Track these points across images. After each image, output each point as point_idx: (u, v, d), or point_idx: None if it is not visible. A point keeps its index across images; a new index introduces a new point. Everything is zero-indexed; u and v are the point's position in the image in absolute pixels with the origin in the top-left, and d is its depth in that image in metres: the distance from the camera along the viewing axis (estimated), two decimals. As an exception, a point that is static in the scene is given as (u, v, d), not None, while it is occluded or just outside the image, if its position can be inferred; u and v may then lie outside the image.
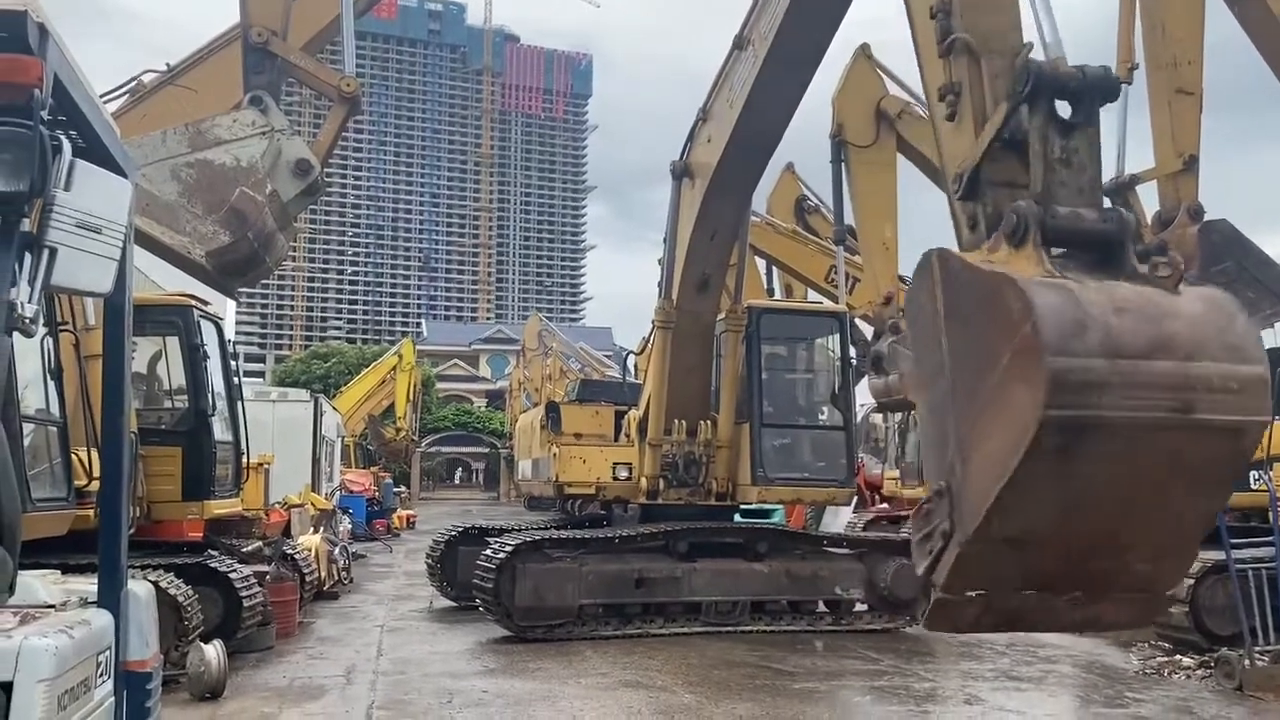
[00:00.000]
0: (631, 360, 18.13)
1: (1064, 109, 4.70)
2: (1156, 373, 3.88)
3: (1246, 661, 9.88)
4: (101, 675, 3.02)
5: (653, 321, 13.65)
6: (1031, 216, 4.35)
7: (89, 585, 3.36)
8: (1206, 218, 10.20)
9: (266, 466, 15.11)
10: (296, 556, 13.77)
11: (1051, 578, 4.24)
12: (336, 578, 16.78)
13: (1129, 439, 3.91)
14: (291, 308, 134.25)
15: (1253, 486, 16.52)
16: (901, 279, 15.06)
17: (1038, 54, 5.00)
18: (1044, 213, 4.36)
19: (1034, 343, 3.79)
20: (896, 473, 23.18)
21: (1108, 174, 11.18)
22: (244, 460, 12.24)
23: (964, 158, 5.28)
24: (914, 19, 6.03)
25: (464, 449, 71.37)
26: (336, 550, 17.27)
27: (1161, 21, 10.54)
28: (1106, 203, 4.79)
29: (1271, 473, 11.78)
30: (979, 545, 4.06)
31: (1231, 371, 3.98)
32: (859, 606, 13.78)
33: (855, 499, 18.29)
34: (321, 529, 17.83)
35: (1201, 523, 4.40)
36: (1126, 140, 11.35)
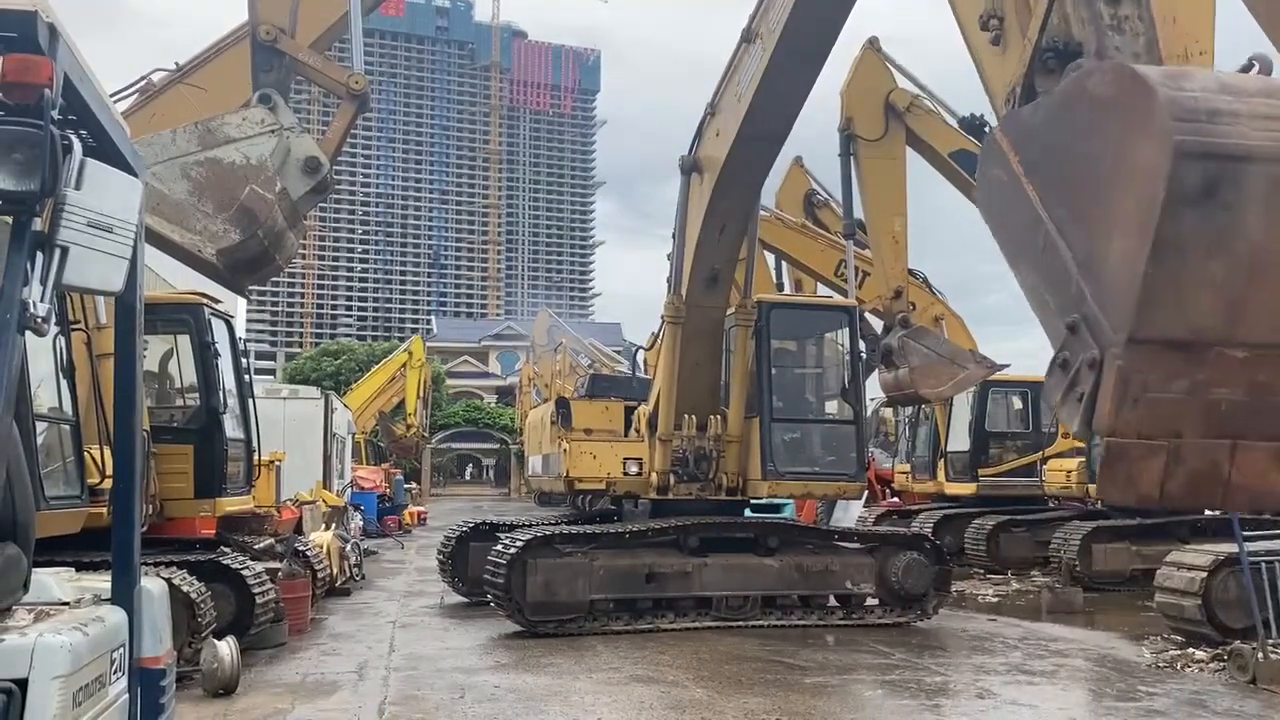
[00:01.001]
0: (641, 355, 18.14)
1: None
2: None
3: (1260, 654, 9.84)
4: (115, 672, 3.04)
5: (662, 317, 13.65)
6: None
7: (102, 582, 3.37)
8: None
9: (278, 464, 15.16)
10: (308, 553, 13.81)
11: (1244, 411, 3.42)
12: (348, 574, 16.82)
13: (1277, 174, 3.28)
14: (302, 305, 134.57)
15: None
16: (911, 273, 15.07)
17: None
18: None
19: (1142, 89, 3.33)
20: (907, 467, 23.19)
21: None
22: (255, 457, 12.28)
23: (1013, 79, 5.11)
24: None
25: (474, 445, 71.48)
26: (348, 547, 17.32)
27: (1172, 12, 10.48)
28: None
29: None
30: (1140, 352, 3.32)
31: None
32: (870, 601, 13.76)
33: (866, 493, 18.30)
34: (333, 526, 17.87)
35: None
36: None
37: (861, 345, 14.40)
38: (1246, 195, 3.22)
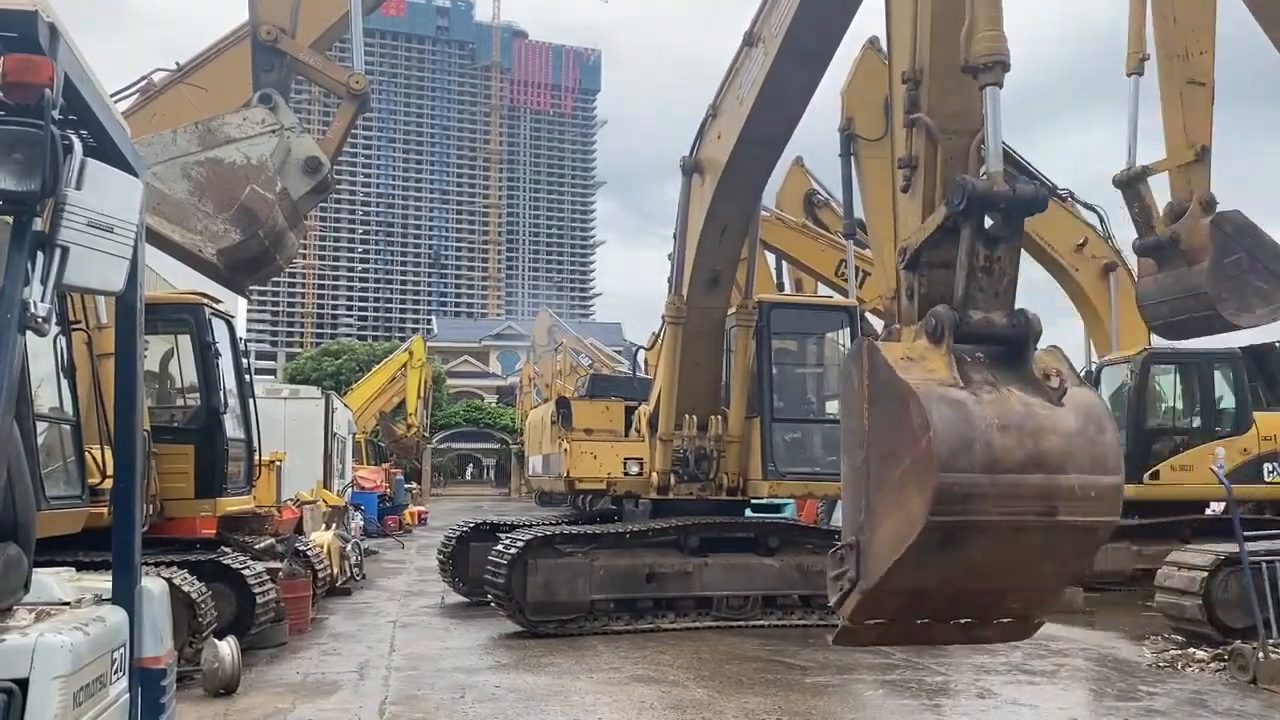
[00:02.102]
0: (641, 355, 18.13)
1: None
2: (1028, 484, 4.81)
3: (1260, 654, 9.84)
4: (116, 672, 3.04)
5: (663, 317, 13.65)
6: (947, 323, 5.19)
7: (103, 582, 3.37)
8: (1219, 209, 10.13)
9: (278, 464, 15.16)
10: (309, 553, 13.82)
11: (940, 613, 5.28)
12: (349, 574, 16.83)
13: (1000, 536, 4.85)
14: (302, 305, 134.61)
15: (1266, 479, 16.52)
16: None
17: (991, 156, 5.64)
18: (959, 319, 5.21)
19: (928, 458, 4.67)
20: (908, 467, 23.16)
21: (1120, 166, 11.15)
22: (256, 457, 12.29)
23: (911, 231, 5.98)
24: (891, 78, 6.54)
25: (475, 445, 71.51)
26: (348, 546, 17.33)
27: (1173, 12, 10.47)
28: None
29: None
30: (878, 594, 5.03)
31: (1093, 482, 4.91)
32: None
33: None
34: (333, 525, 17.88)
35: (1067, 577, 5.64)
36: (1138, 131, 11.29)
37: (862, 345, 14.39)
38: (972, 545, 4.80)
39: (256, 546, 12.16)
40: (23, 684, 2.45)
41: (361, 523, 24.74)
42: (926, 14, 6.34)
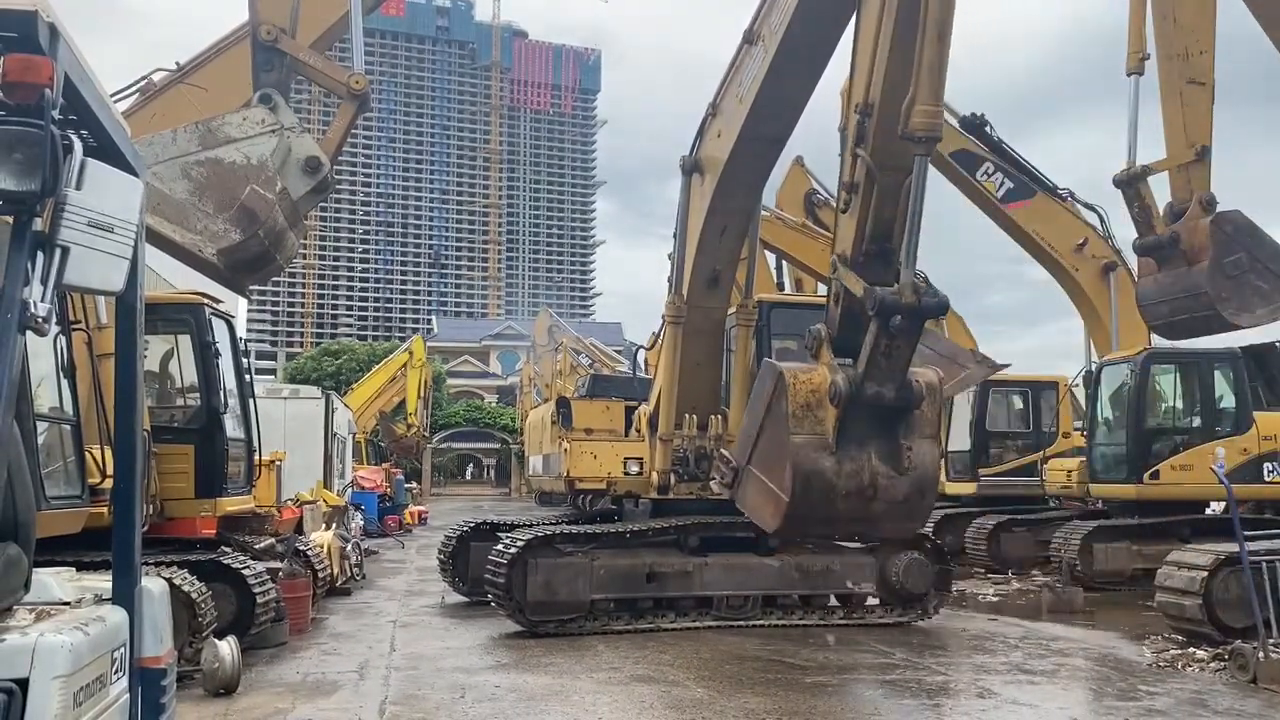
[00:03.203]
0: (642, 355, 18.12)
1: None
2: (850, 527, 8.95)
3: (1260, 654, 9.83)
4: (116, 672, 3.04)
5: (663, 316, 13.64)
6: (844, 395, 7.01)
7: (103, 582, 3.37)
8: (1219, 208, 10.14)
9: (278, 463, 15.15)
10: (309, 553, 13.81)
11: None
12: (349, 574, 16.83)
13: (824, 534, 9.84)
14: (302, 305, 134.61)
15: (1266, 479, 16.51)
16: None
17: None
18: (856, 393, 7.04)
19: (782, 508, 7.17)
20: (908, 466, 23.18)
21: (1120, 166, 11.14)
22: (256, 457, 12.29)
23: (843, 246, 7.77)
24: (846, 102, 7.68)
25: (475, 445, 71.52)
26: (349, 546, 17.32)
27: (1173, 11, 10.48)
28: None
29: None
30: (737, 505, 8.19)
31: (897, 528, 8.30)
32: (871, 600, 13.76)
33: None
34: (333, 525, 17.88)
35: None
36: (1138, 131, 11.29)
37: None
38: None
39: (256, 546, 12.16)
40: (23, 684, 2.45)
41: (361, 523, 24.72)
42: (883, 63, 7.27)
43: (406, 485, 38.68)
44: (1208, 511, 17.42)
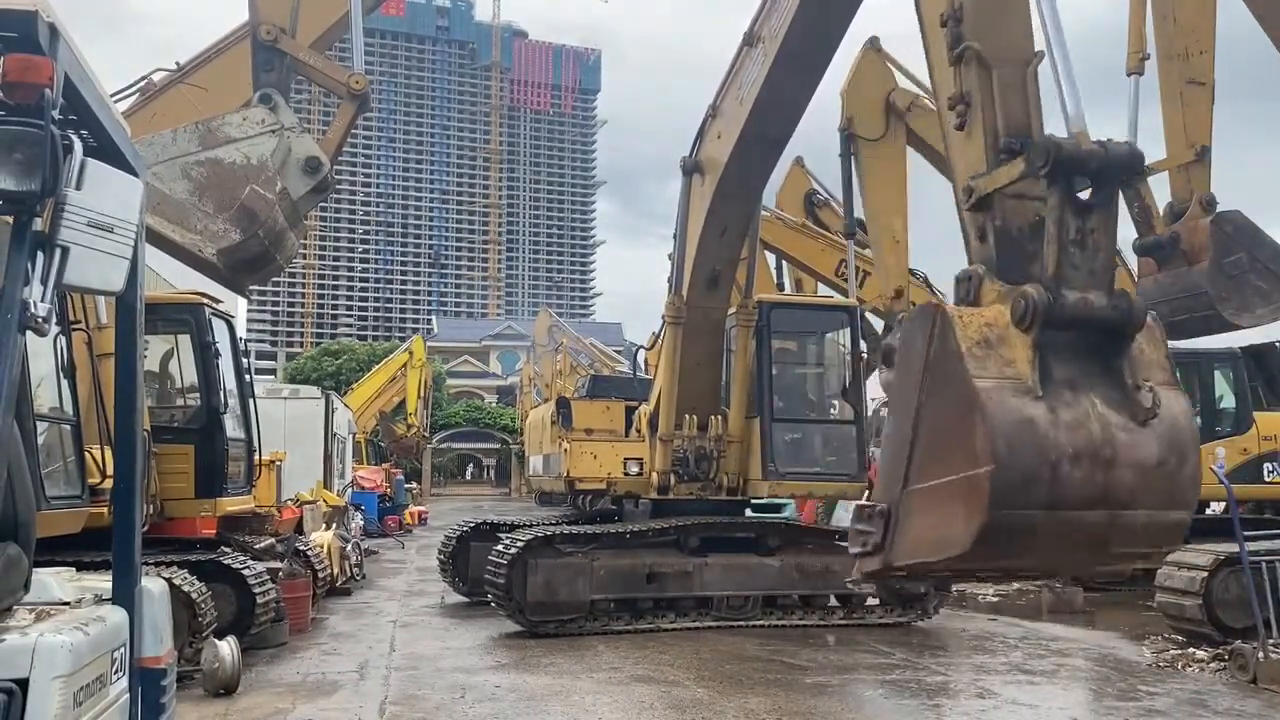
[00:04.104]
0: (642, 355, 18.12)
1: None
2: (1088, 522, 4.40)
3: (1260, 654, 9.84)
4: (116, 672, 3.04)
5: (663, 317, 13.64)
6: (1039, 308, 4.49)
7: (103, 582, 3.37)
8: (1219, 208, 10.13)
9: (278, 463, 15.16)
10: (309, 553, 13.82)
11: (964, 576, 5.54)
12: (349, 574, 16.83)
13: (1045, 559, 4.82)
14: (302, 305, 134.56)
15: (1266, 479, 16.51)
16: (912, 272, 15.08)
17: (1058, 128, 5.11)
18: (1052, 302, 4.53)
19: (985, 492, 4.23)
20: (908, 466, 23.16)
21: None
22: (256, 457, 12.29)
23: (974, 169, 5.38)
24: (924, 25, 6.10)
25: (475, 445, 71.50)
26: (349, 546, 17.32)
27: (1173, 11, 10.47)
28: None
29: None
30: (901, 567, 4.86)
31: (1158, 519, 4.54)
32: (870, 601, 13.76)
33: (866, 493, 18.27)
34: (333, 525, 17.88)
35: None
36: (1138, 131, 11.29)
37: (862, 345, 14.41)
38: (1009, 561, 4.76)
39: (256, 546, 12.16)
40: (23, 684, 2.45)
41: (361, 523, 24.72)
42: None
43: (406, 485, 38.68)
44: (1208, 511, 17.42)
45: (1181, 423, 4.58)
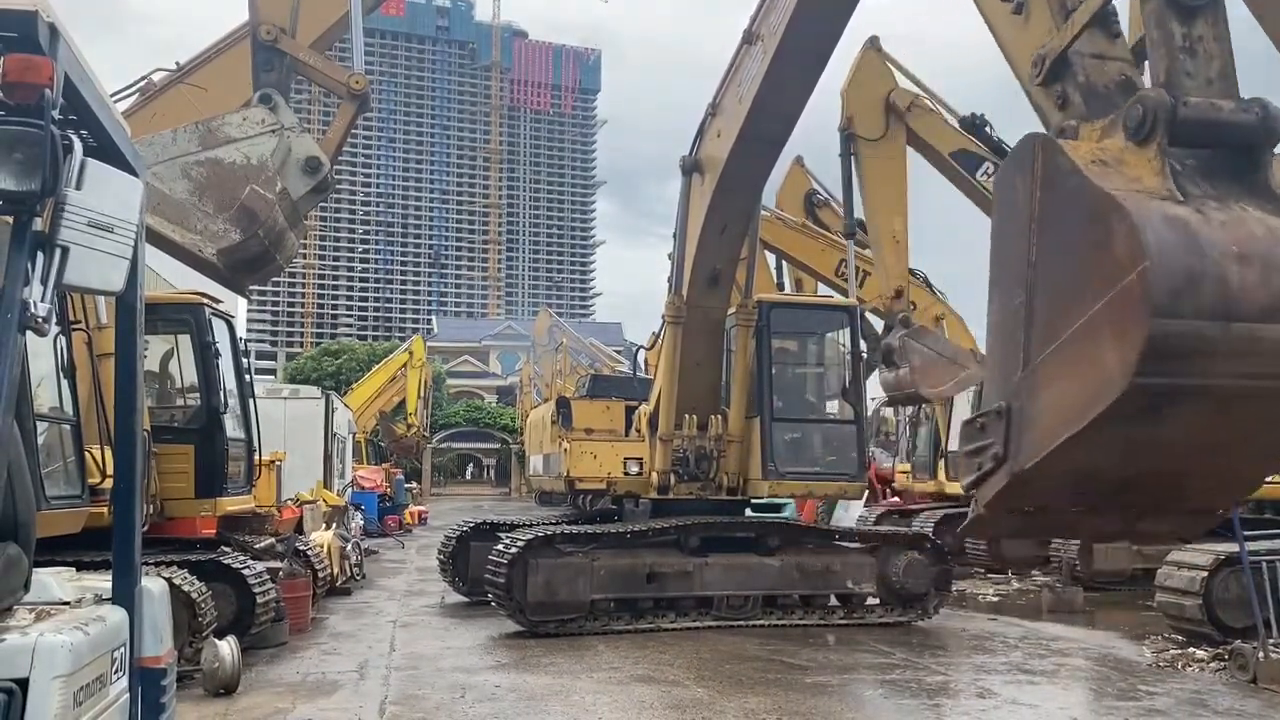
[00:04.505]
0: (642, 355, 18.13)
1: None
2: (1274, 339, 3.50)
3: (1260, 654, 9.84)
4: (116, 671, 3.04)
5: (663, 316, 13.65)
6: (1161, 109, 3.75)
7: (103, 582, 3.37)
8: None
9: (278, 463, 15.16)
10: (309, 553, 13.82)
11: (1104, 501, 4.09)
12: (349, 574, 16.83)
13: (1227, 405, 3.58)
14: (302, 305, 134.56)
15: (1266, 479, 16.48)
16: (912, 272, 15.07)
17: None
18: (1175, 105, 3.77)
19: (1139, 297, 3.38)
20: (907, 466, 23.18)
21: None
22: (256, 457, 12.28)
23: (1038, 45, 4.80)
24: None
25: (475, 445, 71.52)
26: (349, 546, 17.32)
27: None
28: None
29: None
30: (1033, 476, 3.84)
31: None
32: (871, 600, 13.76)
33: (866, 493, 18.30)
34: (333, 525, 17.88)
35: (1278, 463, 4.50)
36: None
37: (862, 345, 14.42)
38: (1185, 416, 3.55)
39: (256, 546, 12.16)
40: (23, 684, 2.45)
41: (361, 522, 24.73)
42: None
43: (406, 485, 38.68)
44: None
45: None
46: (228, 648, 9.20)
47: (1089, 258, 3.62)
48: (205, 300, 11.30)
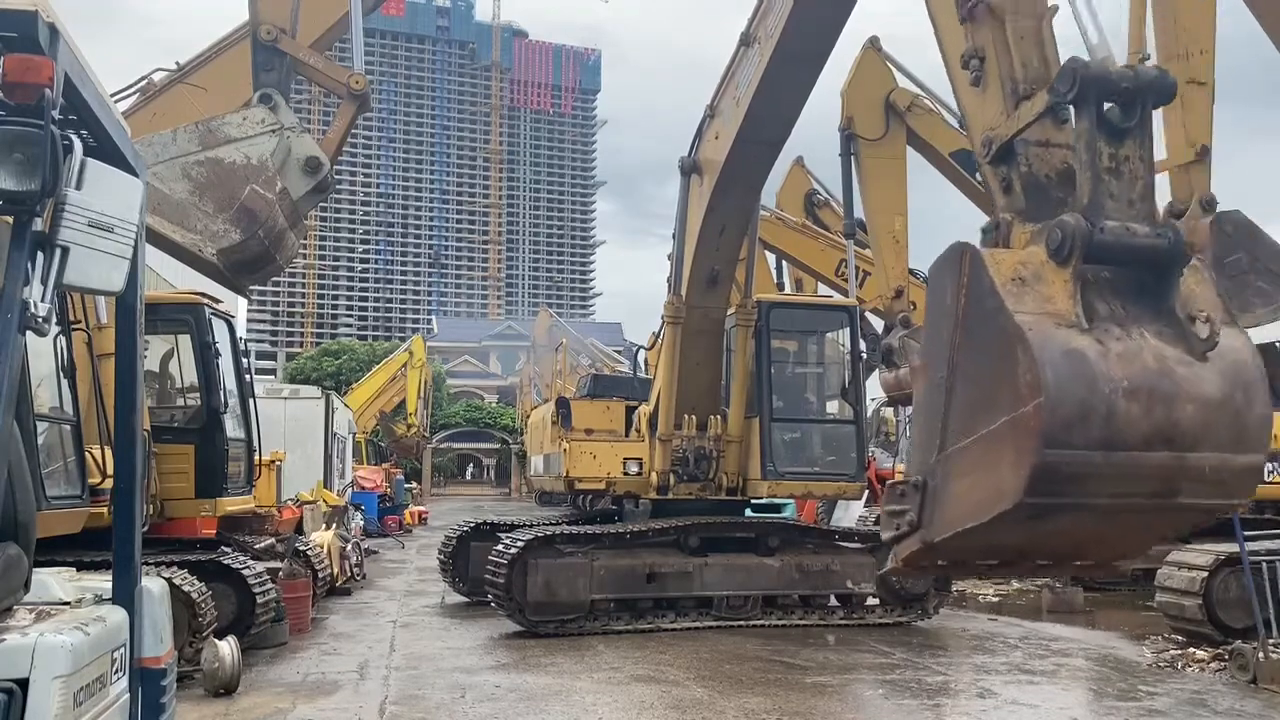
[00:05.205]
0: (642, 355, 18.13)
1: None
2: (1151, 464, 3.95)
3: (1260, 654, 9.84)
4: (116, 672, 3.04)
5: (663, 317, 13.65)
6: (1078, 235, 4.10)
7: (103, 582, 3.37)
8: (1219, 209, 10.14)
9: (279, 463, 15.17)
10: (309, 553, 13.82)
11: (1009, 562, 4.70)
12: (349, 574, 16.84)
13: (1109, 517, 4.10)
14: (302, 305, 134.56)
15: (1266, 479, 16.50)
16: (912, 273, 15.07)
17: (1082, 51, 4.91)
18: (1091, 230, 4.12)
19: (1034, 429, 3.80)
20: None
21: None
22: (256, 457, 12.29)
23: (992, 123, 5.13)
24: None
25: (475, 445, 71.56)
26: (349, 546, 17.33)
27: (1173, 12, 10.48)
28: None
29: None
30: (942, 546, 4.32)
31: (1227, 462, 4.05)
32: (870, 600, 13.76)
33: (866, 493, 18.29)
34: (334, 525, 17.89)
35: (1166, 540, 5.46)
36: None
37: (862, 345, 14.42)
38: (1068, 522, 4.08)
39: (256, 546, 12.17)
40: (23, 684, 2.45)
41: (361, 523, 24.74)
42: None
43: (406, 485, 38.70)
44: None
45: (1245, 358, 4.15)
46: (228, 648, 9.20)
47: (999, 374, 4.02)
48: (205, 300, 11.30)
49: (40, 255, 2.48)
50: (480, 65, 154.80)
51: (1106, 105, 4.38)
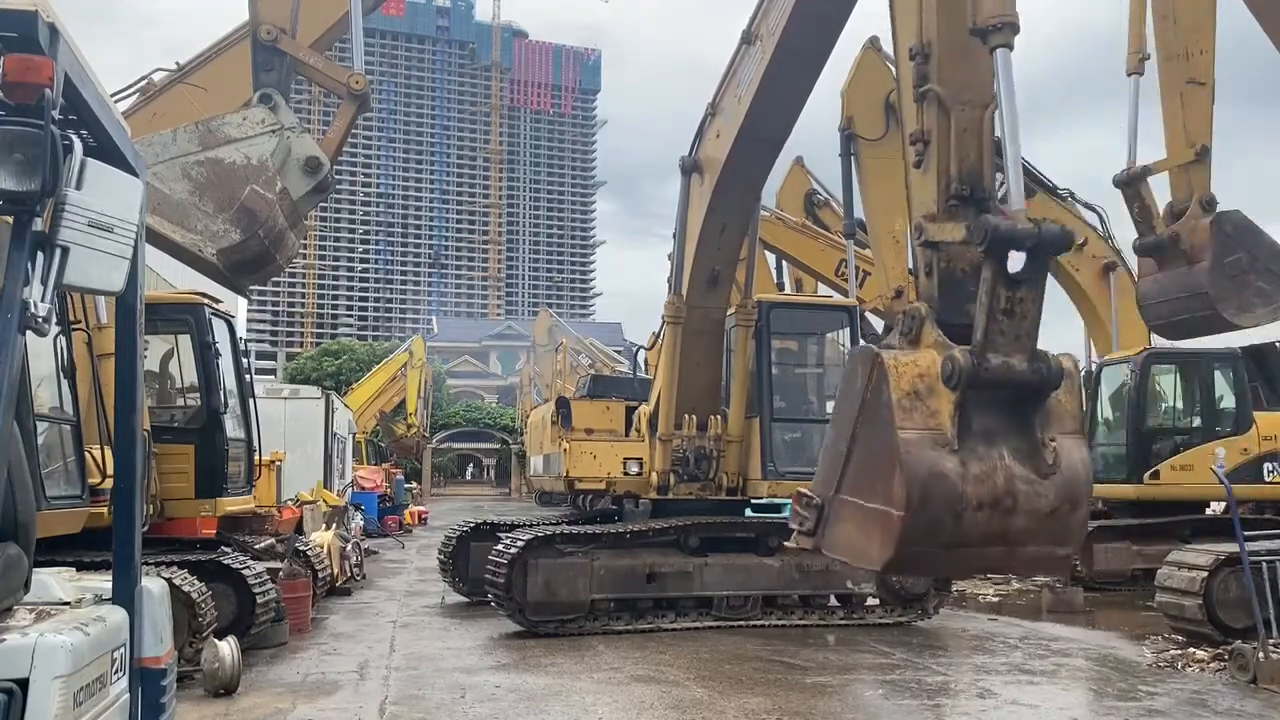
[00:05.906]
0: (642, 355, 18.13)
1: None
2: (986, 556, 5.38)
3: (1260, 654, 9.83)
4: (116, 672, 3.04)
5: (663, 317, 13.64)
6: (964, 373, 5.14)
7: (103, 582, 3.37)
8: (1219, 209, 10.13)
9: (279, 463, 15.17)
10: (309, 553, 13.82)
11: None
12: (349, 574, 16.84)
13: (952, 571, 6.10)
14: (302, 305, 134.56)
15: (1266, 479, 16.51)
16: (912, 272, 15.08)
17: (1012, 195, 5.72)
18: (977, 367, 5.16)
19: (895, 532, 5.04)
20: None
21: (1120, 166, 11.14)
22: (256, 457, 12.29)
23: (927, 208, 5.96)
24: (897, 55, 6.54)
25: (475, 445, 71.53)
26: (349, 546, 17.33)
27: (1173, 12, 10.47)
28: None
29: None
30: (827, 554, 5.81)
31: (1046, 553, 5.41)
32: (871, 601, 13.76)
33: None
34: (334, 525, 17.88)
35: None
36: (1138, 131, 11.28)
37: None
38: (925, 571, 6.50)
39: (256, 546, 12.16)
40: (23, 684, 2.45)
41: (361, 523, 24.73)
42: None
43: (406, 485, 38.69)
44: (1208, 511, 17.41)
45: (1079, 472, 5.31)
46: (228, 648, 9.20)
47: (882, 468, 5.20)
48: (205, 300, 11.30)
49: (40, 255, 2.48)
50: (480, 65, 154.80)
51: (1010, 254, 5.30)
